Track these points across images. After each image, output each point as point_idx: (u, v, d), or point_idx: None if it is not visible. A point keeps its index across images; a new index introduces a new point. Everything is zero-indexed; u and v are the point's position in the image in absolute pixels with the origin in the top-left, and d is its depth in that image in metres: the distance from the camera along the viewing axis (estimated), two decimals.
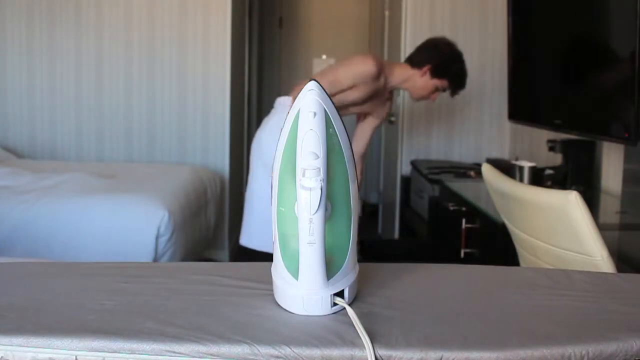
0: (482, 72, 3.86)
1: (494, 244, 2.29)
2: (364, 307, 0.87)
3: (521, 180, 2.72)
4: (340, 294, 0.86)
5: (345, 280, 0.87)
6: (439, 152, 4.05)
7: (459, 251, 2.55)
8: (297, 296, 0.85)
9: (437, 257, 2.86)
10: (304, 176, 0.80)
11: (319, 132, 0.80)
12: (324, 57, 5.98)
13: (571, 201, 1.44)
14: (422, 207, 3.52)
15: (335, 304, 0.85)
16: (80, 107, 4.04)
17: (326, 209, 0.82)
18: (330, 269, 0.85)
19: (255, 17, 5.24)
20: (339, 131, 0.84)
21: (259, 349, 0.75)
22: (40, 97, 4.04)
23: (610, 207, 2.50)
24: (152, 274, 1.00)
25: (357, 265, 0.91)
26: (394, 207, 4.17)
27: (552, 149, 2.79)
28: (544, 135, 3.17)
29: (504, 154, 3.97)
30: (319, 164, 0.80)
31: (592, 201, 2.56)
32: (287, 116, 0.84)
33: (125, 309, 0.85)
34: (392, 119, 4.11)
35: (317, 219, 0.81)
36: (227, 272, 1.00)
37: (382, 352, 0.76)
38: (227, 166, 4.06)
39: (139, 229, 2.78)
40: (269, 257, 0.91)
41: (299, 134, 0.81)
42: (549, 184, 2.73)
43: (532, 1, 2.88)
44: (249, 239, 2.58)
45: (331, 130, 0.83)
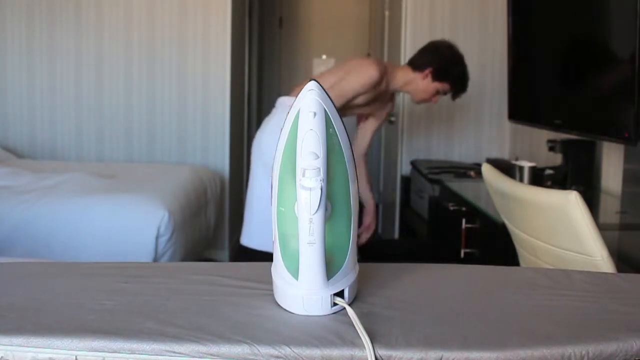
0: (482, 72, 3.85)
1: (494, 244, 2.29)
2: (364, 307, 0.87)
3: (521, 180, 2.72)
4: (340, 294, 0.86)
5: (345, 280, 0.87)
6: (439, 152, 4.05)
7: (459, 251, 2.55)
8: (297, 296, 0.85)
9: (437, 257, 2.86)
10: (304, 176, 0.80)
11: (319, 132, 0.80)
12: (324, 57, 5.98)
13: (571, 201, 1.44)
14: (422, 207, 3.52)
15: (335, 304, 0.85)
16: (80, 107, 4.04)
17: (326, 209, 0.82)
18: (330, 269, 0.85)
19: (255, 17, 5.24)
20: (339, 131, 0.84)
21: (259, 349, 0.75)
22: (40, 97, 4.04)
23: (610, 207, 2.50)
24: (152, 274, 1.00)
25: (357, 265, 0.91)
26: (394, 207, 4.17)
27: (552, 149, 2.79)
28: (544, 135, 3.17)
29: (504, 154, 3.97)
30: (319, 164, 0.80)
31: (592, 201, 2.56)
32: (287, 116, 0.85)
33: (125, 309, 0.85)
34: (392, 119, 4.11)
35: (317, 219, 0.81)
36: (227, 272, 1.00)
37: (382, 352, 0.76)
38: (227, 166, 4.06)
39: (139, 229, 2.78)
40: (269, 256, 0.91)
41: (299, 134, 0.81)
42: (549, 184, 2.73)
43: (532, 1, 2.88)
44: (249, 239, 2.58)
45: (331, 130, 0.83)
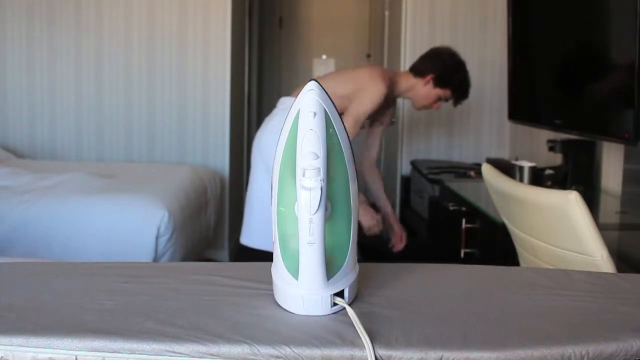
0: (482, 72, 3.85)
1: (494, 244, 2.29)
2: (364, 307, 0.87)
3: (521, 180, 2.72)
4: (340, 294, 0.86)
5: (345, 280, 0.87)
6: (439, 152, 4.05)
7: (459, 251, 2.55)
8: (297, 296, 0.85)
9: (437, 257, 2.86)
10: (304, 176, 0.80)
11: (319, 132, 0.80)
12: (324, 57, 5.97)
13: (571, 201, 1.44)
14: (422, 207, 3.52)
15: (335, 304, 0.85)
16: (80, 107, 4.04)
17: (326, 209, 0.82)
18: (330, 269, 0.85)
19: (255, 17, 5.23)
20: (339, 131, 0.84)
21: (259, 349, 0.75)
22: (40, 97, 4.04)
23: (610, 207, 2.50)
24: (152, 274, 1.00)
25: (357, 265, 0.91)
26: (394, 207, 4.16)
27: (552, 149, 2.79)
28: (544, 135, 3.17)
29: (504, 154, 3.97)
30: (319, 164, 0.80)
31: (592, 201, 2.56)
32: (287, 116, 0.85)
33: (125, 309, 0.85)
34: (393, 119, 4.11)
35: (317, 219, 0.81)
36: (227, 272, 1.00)
37: (382, 352, 0.76)
38: (227, 166, 4.06)
39: (139, 229, 2.78)
40: (269, 255, 0.91)
41: (299, 134, 0.81)
42: (549, 184, 2.73)
43: (532, 1, 2.88)
44: (249, 239, 2.59)
45: (331, 130, 0.83)
